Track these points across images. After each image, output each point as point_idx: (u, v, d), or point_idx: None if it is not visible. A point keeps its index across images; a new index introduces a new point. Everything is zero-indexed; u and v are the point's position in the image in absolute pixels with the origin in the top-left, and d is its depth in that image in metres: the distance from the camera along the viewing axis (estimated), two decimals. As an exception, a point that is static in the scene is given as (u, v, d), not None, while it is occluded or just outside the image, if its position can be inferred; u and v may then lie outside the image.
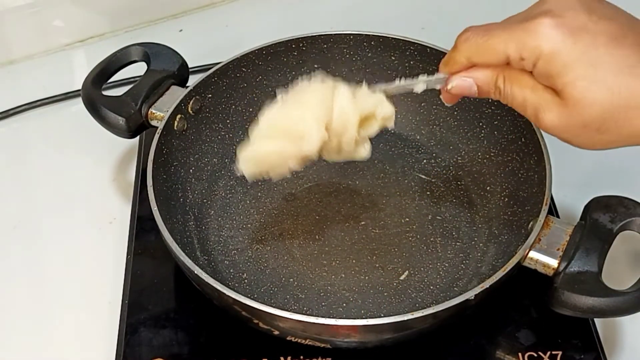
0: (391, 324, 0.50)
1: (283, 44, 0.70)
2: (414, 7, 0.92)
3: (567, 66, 0.42)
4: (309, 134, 0.53)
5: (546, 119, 0.45)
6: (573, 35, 0.42)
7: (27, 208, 0.72)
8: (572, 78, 0.42)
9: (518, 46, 0.44)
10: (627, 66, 0.42)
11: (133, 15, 0.90)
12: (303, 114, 0.53)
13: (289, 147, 0.54)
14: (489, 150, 0.68)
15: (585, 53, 0.42)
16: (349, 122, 0.53)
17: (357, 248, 0.64)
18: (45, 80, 0.83)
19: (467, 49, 0.47)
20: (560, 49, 0.42)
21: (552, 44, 0.43)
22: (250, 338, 0.57)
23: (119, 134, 0.67)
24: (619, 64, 0.42)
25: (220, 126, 0.70)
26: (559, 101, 0.44)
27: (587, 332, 0.58)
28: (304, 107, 0.53)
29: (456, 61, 0.48)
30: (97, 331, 0.61)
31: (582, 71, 0.42)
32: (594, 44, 0.42)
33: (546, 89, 0.45)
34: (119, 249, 0.66)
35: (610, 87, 0.42)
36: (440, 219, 0.66)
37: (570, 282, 0.52)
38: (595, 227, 0.55)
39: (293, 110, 0.54)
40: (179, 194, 0.65)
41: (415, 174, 0.70)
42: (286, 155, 0.54)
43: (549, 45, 0.43)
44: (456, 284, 0.61)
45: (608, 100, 0.42)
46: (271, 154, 0.55)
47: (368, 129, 0.55)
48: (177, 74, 0.69)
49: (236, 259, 0.63)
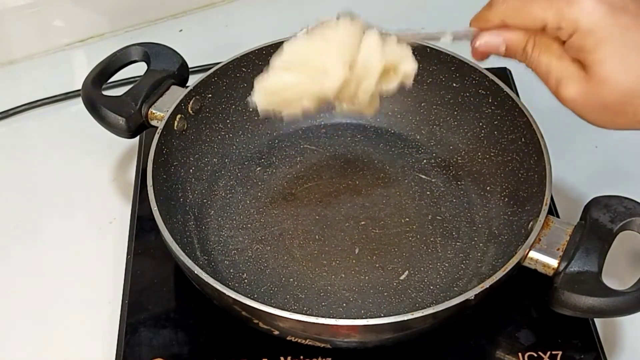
0: (391, 324, 0.50)
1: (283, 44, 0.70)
2: (414, 7, 0.92)
3: (601, 44, 0.42)
4: (333, 70, 0.50)
5: (567, 91, 0.44)
6: (613, 14, 0.42)
7: (27, 208, 0.72)
8: (603, 56, 0.42)
9: (557, 15, 0.43)
10: None
11: (133, 15, 0.90)
12: (329, 48, 0.51)
13: (308, 82, 0.52)
14: (489, 150, 0.68)
15: (622, 34, 0.42)
16: (374, 67, 0.51)
17: (357, 248, 0.64)
18: (45, 80, 0.83)
19: (503, 10, 0.46)
20: (599, 25, 0.42)
21: (591, 19, 0.42)
22: (250, 338, 0.57)
23: (119, 134, 0.67)
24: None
25: (220, 126, 0.70)
26: (584, 76, 0.43)
27: (587, 332, 0.58)
28: (330, 43, 0.51)
29: (489, 20, 0.47)
30: (97, 331, 0.61)
31: (615, 52, 0.42)
32: (632, 26, 0.42)
33: (574, 62, 0.44)
34: (119, 249, 0.66)
35: (638, 73, 0.42)
36: (440, 219, 0.66)
37: (570, 282, 0.52)
38: (595, 227, 0.55)
39: (319, 44, 0.51)
40: (179, 194, 0.65)
41: (415, 174, 0.70)
42: (304, 91, 0.52)
43: (587, 20, 0.42)
44: (456, 284, 0.61)
45: (632, 85, 0.42)
46: (289, 87, 0.52)
47: (387, 83, 0.53)
48: (177, 74, 0.69)
49: (236, 259, 0.63)
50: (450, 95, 0.70)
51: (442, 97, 0.71)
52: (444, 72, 0.69)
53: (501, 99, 0.65)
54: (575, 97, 0.44)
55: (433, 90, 0.71)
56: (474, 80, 0.67)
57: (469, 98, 0.69)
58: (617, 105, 0.43)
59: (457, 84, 0.69)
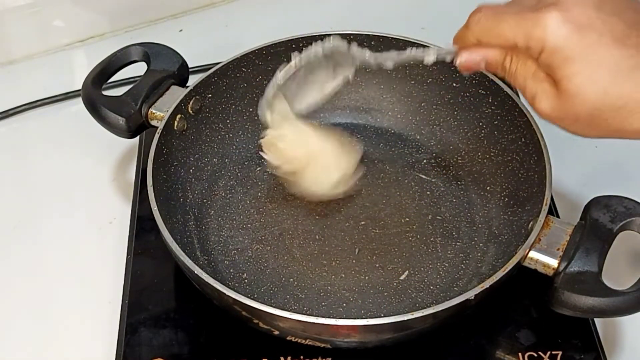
0: (391, 324, 0.50)
1: (283, 44, 0.70)
2: (414, 7, 0.92)
3: (568, 61, 0.43)
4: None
5: (541, 106, 0.46)
6: (579, 32, 0.43)
7: (27, 208, 0.72)
8: (570, 73, 0.44)
9: (525, 36, 0.45)
10: (626, 68, 0.43)
11: (133, 15, 0.90)
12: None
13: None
14: (489, 150, 0.68)
15: (588, 52, 0.43)
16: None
17: (357, 248, 0.64)
18: (45, 80, 0.83)
19: (478, 31, 0.48)
20: (565, 44, 0.43)
21: (557, 38, 0.43)
22: (250, 338, 0.57)
23: (119, 134, 0.67)
24: (619, 66, 0.43)
25: (220, 126, 0.70)
26: (555, 92, 0.45)
27: (587, 332, 0.58)
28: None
29: (466, 40, 0.49)
30: (97, 331, 0.61)
31: (581, 68, 0.43)
32: (597, 43, 0.43)
33: (546, 78, 0.46)
34: (119, 249, 0.66)
35: (604, 88, 0.43)
36: (440, 219, 0.66)
37: (570, 282, 0.52)
38: (595, 227, 0.55)
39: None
40: (179, 194, 0.65)
41: (415, 174, 0.70)
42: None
43: (553, 39, 0.44)
44: (456, 284, 0.61)
45: (600, 99, 0.44)
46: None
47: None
48: (177, 74, 0.69)
49: (236, 259, 0.63)
50: (450, 95, 0.70)
51: (442, 97, 0.71)
52: (444, 72, 0.69)
53: (501, 99, 0.65)
54: (549, 111, 0.46)
55: (433, 90, 0.71)
56: (474, 80, 0.67)
57: (469, 98, 0.69)
58: (589, 118, 0.45)
59: (457, 84, 0.69)
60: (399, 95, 0.73)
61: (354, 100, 0.74)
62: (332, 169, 0.62)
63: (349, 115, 0.74)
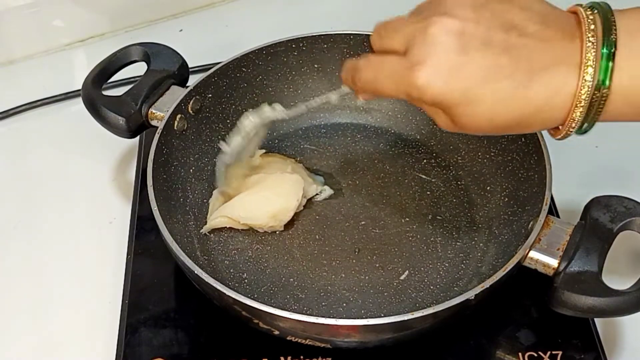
0: (391, 324, 0.50)
1: (283, 44, 0.70)
2: (414, 7, 0.91)
3: (451, 107, 0.45)
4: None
5: (442, 126, 0.48)
6: (454, 77, 0.44)
7: (27, 208, 0.72)
8: (454, 114, 0.45)
9: (405, 95, 0.46)
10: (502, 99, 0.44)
11: (133, 15, 0.90)
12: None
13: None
14: (489, 150, 0.68)
15: (466, 95, 0.44)
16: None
17: (357, 248, 0.64)
18: (45, 80, 0.83)
19: (362, 82, 0.50)
20: (442, 96, 0.45)
21: (433, 93, 0.45)
22: (250, 338, 0.57)
23: (119, 134, 0.67)
24: (495, 97, 0.44)
25: (220, 126, 0.70)
26: (451, 120, 0.46)
27: (587, 332, 0.58)
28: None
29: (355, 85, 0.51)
30: (97, 331, 0.61)
31: (464, 110, 0.45)
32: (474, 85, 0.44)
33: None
34: (119, 249, 0.66)
35: (489, 118, 0.45)
36: (440, 219, 0.66)
37: (571, 282, 0.52)
38: (595, 227, 0.55)
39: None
40: (179, 194, 0.65)
41: (415, 174, 0.70)
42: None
43: (430, 95, 0.45)
44: (456, 284, 0.61)
45: (492, 127, 0.46)
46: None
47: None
48: (177, 74, 0.69)
49: (236, 259, 0.63)
50: (450, 95, 0.70)
51: (442, 97, 0.70)
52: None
53: (501, 99, 0.65)
54: (450, 129, 0.47)
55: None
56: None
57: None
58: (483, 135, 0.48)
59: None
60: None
61: (354, 100, 0.74)
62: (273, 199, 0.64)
63: (349, 115, 0.74)
